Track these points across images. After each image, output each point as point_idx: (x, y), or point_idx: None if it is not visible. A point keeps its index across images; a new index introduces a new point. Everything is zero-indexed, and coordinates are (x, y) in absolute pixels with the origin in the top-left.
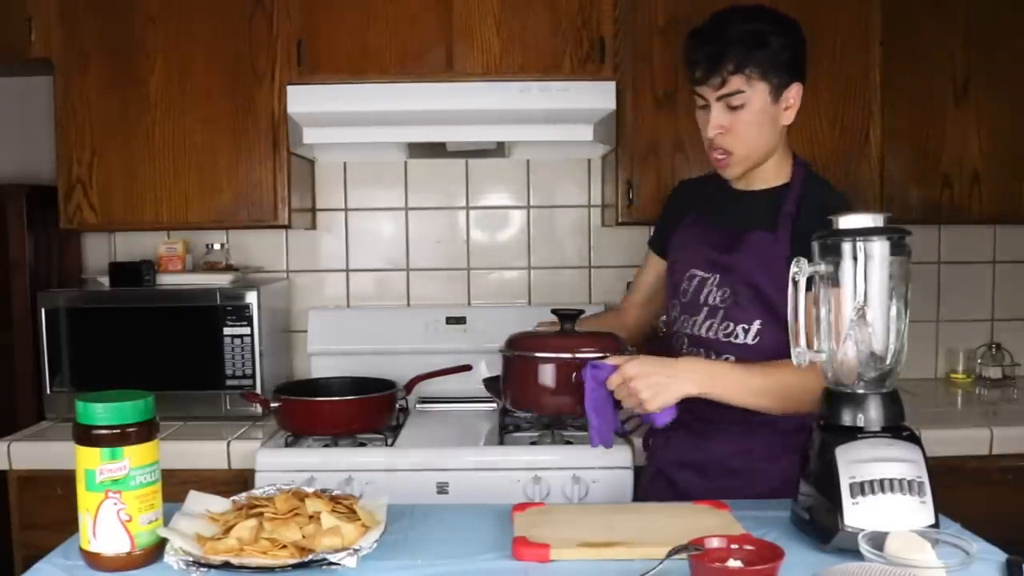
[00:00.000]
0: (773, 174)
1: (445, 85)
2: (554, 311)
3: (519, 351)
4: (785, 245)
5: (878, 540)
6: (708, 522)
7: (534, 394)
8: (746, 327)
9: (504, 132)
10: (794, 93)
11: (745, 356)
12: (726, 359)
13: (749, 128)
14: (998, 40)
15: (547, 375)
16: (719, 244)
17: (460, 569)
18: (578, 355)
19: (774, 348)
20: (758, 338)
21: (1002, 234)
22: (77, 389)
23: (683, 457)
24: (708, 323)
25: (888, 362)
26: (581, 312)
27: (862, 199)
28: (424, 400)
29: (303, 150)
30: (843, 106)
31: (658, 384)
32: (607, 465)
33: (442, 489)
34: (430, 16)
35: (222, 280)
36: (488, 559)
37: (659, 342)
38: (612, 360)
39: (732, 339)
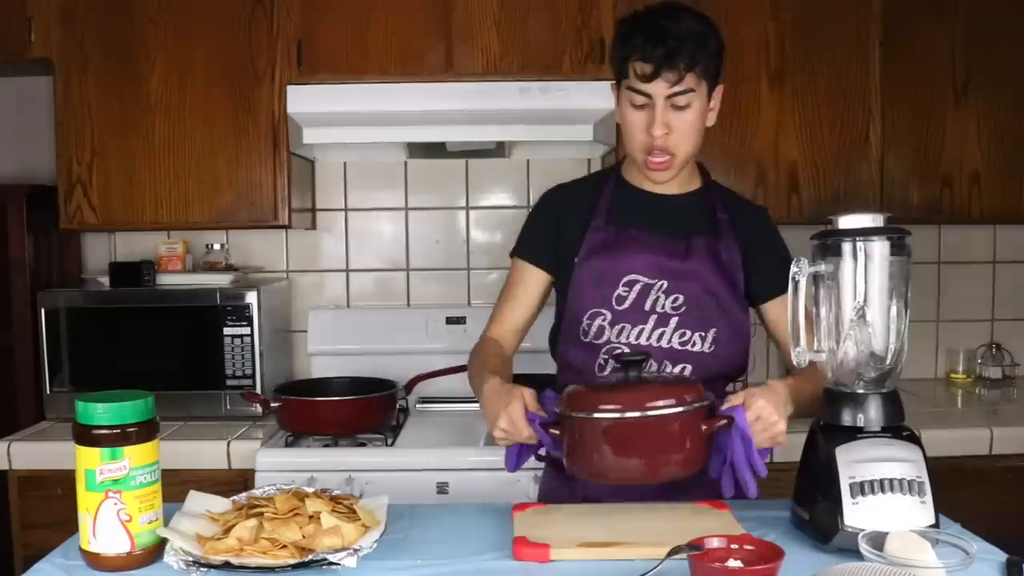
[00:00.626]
0: (688, 177)
1: (445, 85)
2: (617, 357)
3: (617, 411)
4: (738, 254)
5: (878, 540)
6: (708, 522)
7: (652, 461)
8: (703, 334)
9: (504, 132)
10: (718, 94)
11: (702, 365)
12: (683, 368)
13: (692, 128)
14: (998, 40)
15: (670, 435)
16: (666, 249)
17: (460, 569)
18: (700, 404)
19: (730, 357)
20: (714, 346)
21: (1002, 234)
22: (77, 389)
23: None
24: (659, 332)
25: (888, 362)
26: (649, 357)
27: (862, 199)
28: (424, 400)
29: (303, 150)
30: (843, 106)
31: (777, 412)
32: None
33: (442, 489)
34: (430, 16)
35: (222, 280)
36: (488, 559)
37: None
38: (735, 399)
39: (689, 347)
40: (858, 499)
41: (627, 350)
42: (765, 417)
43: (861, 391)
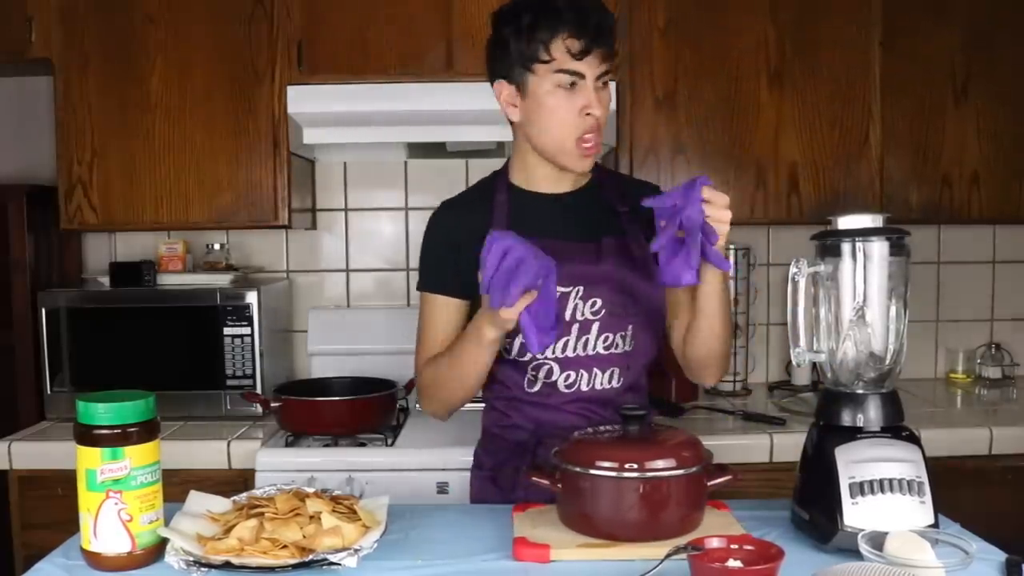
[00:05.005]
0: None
1: (445, 85)
2: (622, 411)
3: (633, 471)
4: (644, 247)
5: (878, 540)
6: (708, 522)
7: (647, 521)
8: (623, 334)
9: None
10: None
11: (627, 364)
12: (611, 372)
13: (608, 111)
14: (998, 40)
15: (668, 496)
16: (576, 254)
17: (460, 569)
18: (700, 466)
19: (647, 348)
20: (633, 341)
21: (1002, 234)
22: (78, 389)
23: None
24: (583, 340)
25: (887, 362)
26: (649, 414)
27: (862, 199)
28: None
29: (303, 150)
30: (843, 106)
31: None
32: None
33: (442, 489)
34: (430, 16)
35: (222, 280)
36: (488, 559)
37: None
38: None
39: (614, 350)
40: (857, 499)
41: (555, 365)
42: (717, 200)
43: (860, 391)
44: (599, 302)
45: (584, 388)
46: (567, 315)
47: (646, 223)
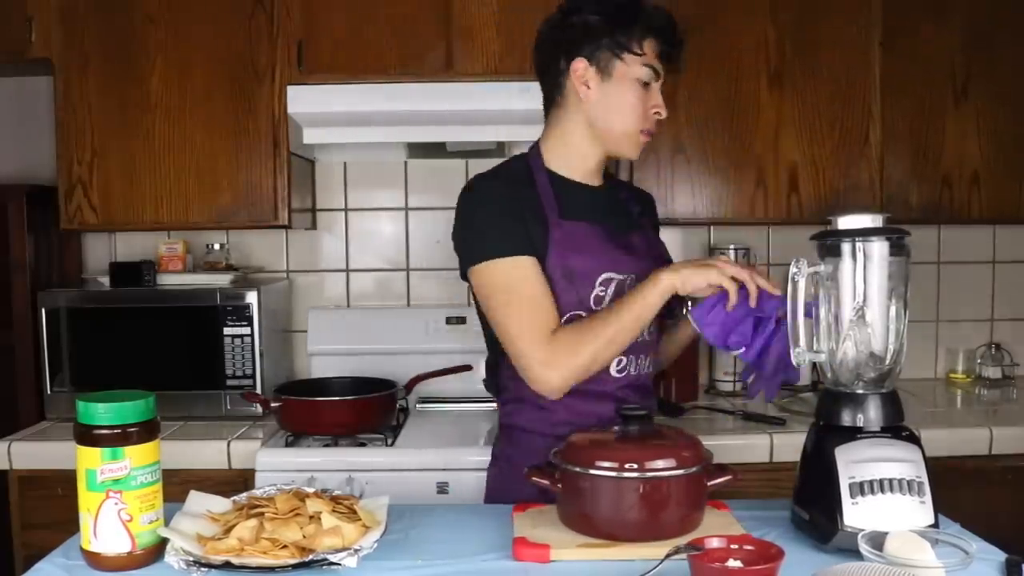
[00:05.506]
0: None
1: (445, 85)
2: (621, 412)
3: (633, 470)
4: (653, 243)
5: (878, 540)
6: (708, 522)
7: (647, 521)
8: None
9: (504, 132)
10: None
11: (655, 349)
12: (648, 358)
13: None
14: (998, 41)
15: (667, 497)
16: (621, 244)
17: (460, 569)
18: (700, 466)
19: (658, 337)
20: (654, 328)
21: (1002, 234)
22: (78, 389)
23: None
24: None
25: (887, 362)
26: (650, 415)
27: (862, 199)
28: (424, 400)
29: (303, 150)
30: (843, 106)
31: None
32: None
33: (442, 489)
34: (430, 16)
35: (222, 280)
36: (488, 559)
37: None
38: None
39: (646, 336)
40: (858, 499)
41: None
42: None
43: (860, 391)
44: None
45: (632, 372)
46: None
47: (650, 225)
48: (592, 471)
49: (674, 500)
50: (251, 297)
